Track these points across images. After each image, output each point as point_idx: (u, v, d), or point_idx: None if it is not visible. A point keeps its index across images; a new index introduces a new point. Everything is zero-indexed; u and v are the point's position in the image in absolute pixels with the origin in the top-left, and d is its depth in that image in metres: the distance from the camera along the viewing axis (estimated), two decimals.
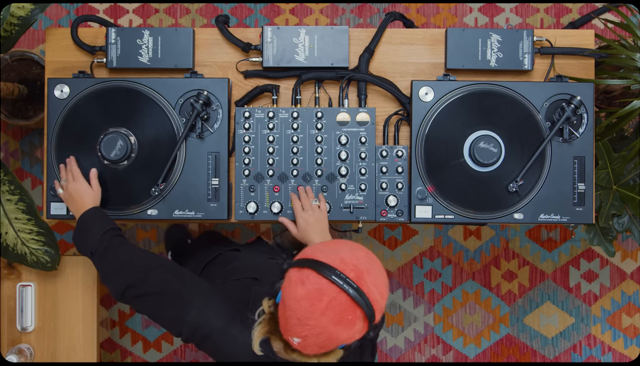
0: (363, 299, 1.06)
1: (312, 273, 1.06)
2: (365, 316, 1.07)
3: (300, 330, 1.06)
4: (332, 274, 1.05)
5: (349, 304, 1.05)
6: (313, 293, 1.05)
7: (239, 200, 1.61)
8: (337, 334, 1.06)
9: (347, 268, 1.07)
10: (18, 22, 1.69)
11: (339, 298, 1.05)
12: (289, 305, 1.07)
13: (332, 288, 1.05)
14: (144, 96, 1.60)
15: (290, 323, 1.07)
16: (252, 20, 2.51)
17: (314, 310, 1.04)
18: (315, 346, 1.08)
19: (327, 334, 1.06)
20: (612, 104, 2.08)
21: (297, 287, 1.06)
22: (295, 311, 1.05)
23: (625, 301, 2.53)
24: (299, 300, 1.05)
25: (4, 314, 1.90)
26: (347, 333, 1.07)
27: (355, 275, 1.07)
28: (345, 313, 1.05)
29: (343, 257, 1.08)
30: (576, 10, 2.52)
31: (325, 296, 1.04)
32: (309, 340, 1.07)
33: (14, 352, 1.84)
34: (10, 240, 1.79)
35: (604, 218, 1.80)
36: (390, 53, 1.68)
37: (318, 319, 1.04)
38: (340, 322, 1.05)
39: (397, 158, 1.61)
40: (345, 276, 1.06)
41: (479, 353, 2.54)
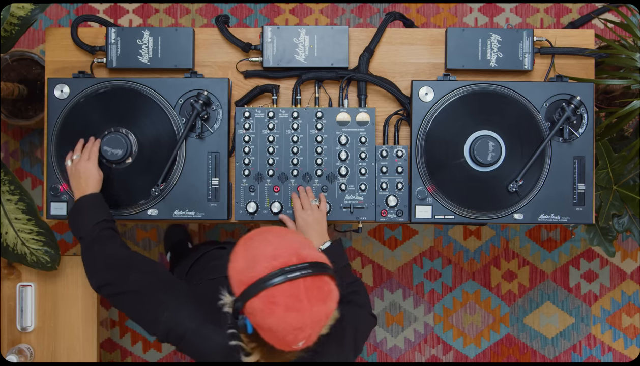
0: (319, 267, 1.09)
1: (271, 289, 1.05)
2: (329, 275, 1.11)
3: (302, 334, 1.06)
4: (285, 274, 1.06)
5: (317, 280, 1.07)
6: (290, 302, 1.05)
7: (239, 200, 1.61)
8: (330, 307, 1.09)
9: (285, 259, 1.08)
10: (18, 22, 1.69)
11: (308, 284, 1.06)
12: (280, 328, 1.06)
13: (297, 283, 1.06)
14: (144, 96, 1.60)
15: (290, 338, 1.07)
16: (252, 20, 2.51)
17: (303, 311, 1.05)
18: (318, 333, 1.10)
19: (324, 315, 1.08)
20: (612, 104, 2.08)
21: (273, 310, 1.05)
22: (290, 326, 1.05)
23: (625, 301, 2.53)
24: (284, 317, 1.05)
25: (4, 314, 1.90)
26: (334, 300, 1.10)
27: (295, 257, 1.08)
28: (322, 288, 1.08)
29: (272, 254, 1.08)
30: (576, 10, 2.52)
31: (299, 293, 1.05)
32: (313, 333, 1.08)
33: (14, 352, 1.84)
34: (10, 240, 1.79)
35: (604, 218, 1.80)
36: (390, 53, 1.68)
37: (312, 314, 1.05)
38: (325, 298, 1.08)
39: (397, 158, 1.61)
40: (292, 265, 1.07)
41: (479, 353, 2.54)
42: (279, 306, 1.05)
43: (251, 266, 1.09)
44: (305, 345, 1.09)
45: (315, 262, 1.09)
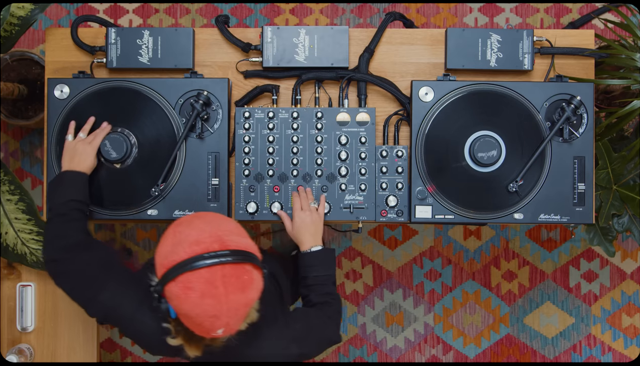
0: (241, 255, 1.08)
1: (188, 274, 1.05)
2: (253, 264, 1.11)
3: (219, 322, 1.07)
4: (203, 260, 1.06)
5: (237, 269, 1.07)
6: (206, 288, 1.05)
7: (239, 200, 1.61)
8: (249, 297, 1.09)
9: (207, 245, 1.08)
10: (18, 22, 1.69)
11: (226, 272, 1.06)
12: (195, 314, 1.06)
13: (214, 269, 1.06)
14: (144, 96, 1.60)
15: (207, 325, 1.07)
16: (252, 20, 2.51)
17: (219, 298, 1.05)
18: (238, 322, 1.10)
19: (243, 304, 1.08)
20: (612, 104, 2.08)
21: (189, 295, 1.05)
22: (205, 312, 1.05)
23: (625, 301, 2.53)
24: (199, 303, 1.05)
25: (4, 314, 1.90)
26: (255, 289, 1.10)
27: (218, 244, 1.08)
28: (241, 277, 1.07)
29: (195, 239, 1.08)
30: (576, 10, 2.52)
31: (216, 280, 1.05)
32: (231, 322, 1.08)
33: (14, 352, 1.84)
34: (10, 240, 1.79)
35: (604, 218, 1.80)
36: (390, 53, 1.68)
37: (228, 302, 1.05)
38: (244, 288, 1.08)
39: (397, 158, 1.61)
40: (213, 251, 1.07)
41: (479, 353, 2.54)
42: (194, 291, 1.05)
43: (174, 250, 1.09)
44: (225, 333, 1.10)
45: (238, 250, 1.09)
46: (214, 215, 1.18)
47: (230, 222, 1.16)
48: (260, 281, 1.13)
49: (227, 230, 1.12)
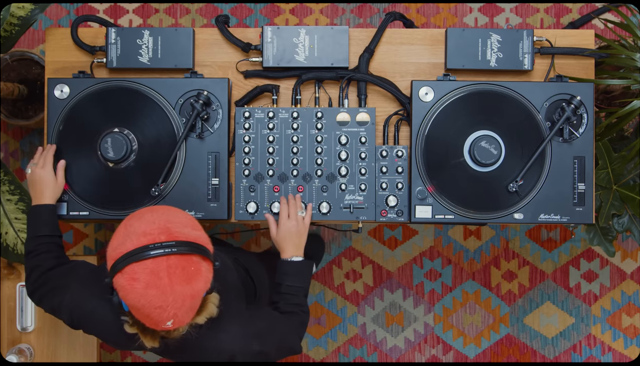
0: (188, 246, 1.09)
1: (133, 265, 1.06)
2: (201, 256, 1.11)
3: (166, 314, 1.07)
4: (148, 251, 1.06)
5: (182, 260, 1.07)
6: (150, 278, 1.05)
7: (239, 200, 1.61)
8: (196, 289, 1.08)
9: (154, 236, 1.08)
10: (18, 22, 1.69)
11: (171, 262, 1.06)
12: (140, 305, 1.06)
13: (159, 260, 1.06)
14: (144, 96, 1.60)
15: (154, 317, 1.07)
16: (252, 20, 2.51)
17: (163, 289, 1.05)
18: (186, 314, 1.10)
19: (189, 296, 1.07)
20: (612, 104, 2.08)
21: (134, 286, 1.06)
22: (150, 303, 1.05)
23: (625, 301, 2.53)
24: (144, 294, 1.05)
25: (4, 314, 1.90)
26: (202, 281, 1.10)
27: (165, 235, 1.08)
28: (187, 268, 1.07)
29: (143, 231, 1.09)
30: (576, 10, 2.52)
31: (160, 271, 1.05)
32: (179, 313, 1.08)
33: (14, 352, 1.84)
34: (10, 240, 1.79)
35: (604, 218, 1.80)
36: (390, 53, 1.68)
37: (173, 293, 1.05)
38: (189, 279, 1.07)
39: (397, 158, 1.61)
40: (159, 243, 1.07)
41: (479, 353, 2.54)
42: (139, 282, 1.05)
43: (122, 242, 1.09)
44: (175, 325, 1.09)
45: (185, 241, 1.09)
46: (167, 208, 1.18)
47: (182, 215, 1.16)
48: (209, 273, 1.13)
49: (177, 222, 1.13)
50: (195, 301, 1.10)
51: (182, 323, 1.11)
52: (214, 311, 1.20)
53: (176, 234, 1.10)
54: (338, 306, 2.51)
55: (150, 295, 1.05)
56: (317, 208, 1.61)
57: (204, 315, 1.18)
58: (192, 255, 1.10)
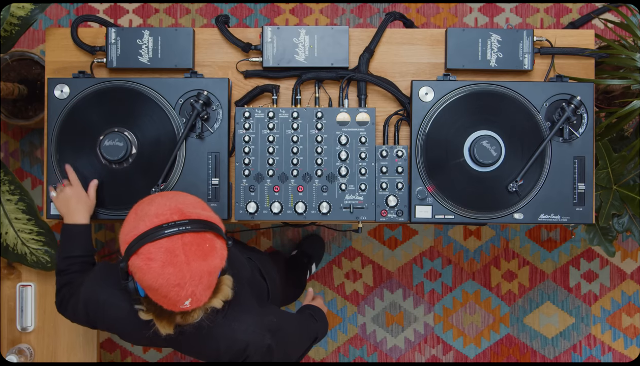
0: (201, 224, 1.10)
1: (148, 246, 1.07)
2: (215, 233, 1.12)
3: (184, 291, 1.07)
4: (162, 231, 1.07)
5: (197, 237, 1.09)
6: (166, 257, 1.06)
7: (239, 200, 1.61)
8: (212, 265, 1.09)
9: (167, 217, 1.09)
10: (18, 22, 1.69)
11: (186, 240, 1.07)
12: (158, 284, 1.07)
13: (174, 238, 1.07)
14: (144, 96, 1.60)
15: (172, 296, 1.07)
16: (252, 20, 2.51)
17: (180, 266, 1.06)
18: (204, 292, 1.10)
19: (206, 272, 1.08)
20: (612, 104, 2.08)
21: (150, 266, 1.06)
22: (168, 282, 1.06)
23: (625, 301, 2.53)
24: (161, 273, 1.06)
25: (4, 314, 1.90)
26: (217, 257, 1.11)
27: (177, 215, 1.10)
28: (202, 245, 1.09)
29: (155, 212, 1.10)
30: (576, 10, 2.52)
31: (176, 249, 1.06)
32: (197, 291, 1.08)
33: (14, 352, 1.84)
34: (10, 240, 1.79)
35: (604, 218, 1.80)
36: (390, 53, 1.68)
37: (190, 270, 1.06)
38: (205, 255, 1.09)
39: (397, 158, 1.61)
40: (172, 221, 1.08)
41: (479, 353, 2.54)
42: (155, 261, 1.06)
43: (135, 226, 1.11)
44: (193, 304, 1.10)
45: (198, 219, 1.11)
46: (175, 192, 1.20)
47: (191, 197, 1.18)
48: (223, 250, 1.14)
49: (188, 203, 1.14)
50: (212, 278, 1.10)
51: (200, 302, 1.11)
52: (228, 293, 1.20)
53: (188, 213, 1.11)
54: (338, 306, 2.51)
55: (168, 274, 1.05)
56: (317, 208, 1.61)
57: (220, 297, 1.18)
58: (206, 232, 1.11)
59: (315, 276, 2.50)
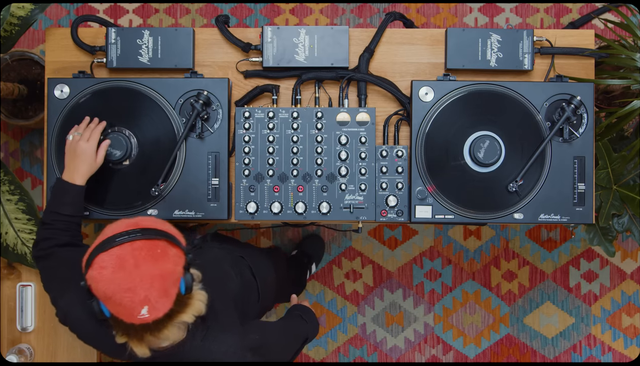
0: (153, 231, 1.11)
1: (101, 255, 1.08)
2: (168, 241, 1.12)
3: (137, 297, 1.07)
4: (114, 240, 1.09)
5: (148, 243, 1.10)
6: (117, 262, 1.07)
7: (239, 200, 1.61)
8: (164, 268, 1.09)
9: (122, 228, 1.11)
10: (18, 22, 1.70)
11: (136, 246, 1.08)
12: (111, 292, 1.07)
13: (125, 246, 1.08)
14: (144, 96, 1.60)
15: (126, 302, 1.07)
16: (252, 20, 2.51)
17: (130, 270, 1.06)
18: (160, 299, 1.09)
19: (157, 276, 1.08)
20: (612, 104, 2.08)
21: (102, 274, 1.07)
22: (119, 287, 1.06)
23: (625, 301, 2.53)
24: (112, 279, 1.06)
25: (4, 314, 1.90)
26: (170, 262, 1.10)
27: (133, 225, 1.12)
28: (152, 250, 1.09)
29: (113, 229, 1.12)
30: (576, 10, 2.52)
31: (126, 255, 1.08)
32: (150, 296, 1.07)
33: (14, 352, 1.84)
34: (10, 240, 1.79)
35: (604, 218, 1.80)
36: (390, 53, 1.68)
37: (140, 273, 1.06)
38: (156, 259, 1.09)
39: (397, 158, 1.61)
40: (125, 231, 1.10)
41: (479, 353, 2.54)
42: (107, 269, 1.07)
43: (98, 240, 1.13)
44: (152, 313, 1.08)
45: (150, 228, 1.12)
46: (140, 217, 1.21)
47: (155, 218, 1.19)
48: (178, 258, 1.13)
49: (146, 218, 1.16)
50: (166, 284, 1.09)
51: (159, 311, 1.09)
52: (201, 308, 1.19)
53: (143, 225, 1.13)
54: (338, 306, 2.51)
55: (118, 279, 1.06)
56: (317, 208, 1.61)
57: (191, 312, 1.17)
58: (158, 240, 1.12)
59: (315, 276, 2.50)
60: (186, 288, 1.14)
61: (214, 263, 1.46)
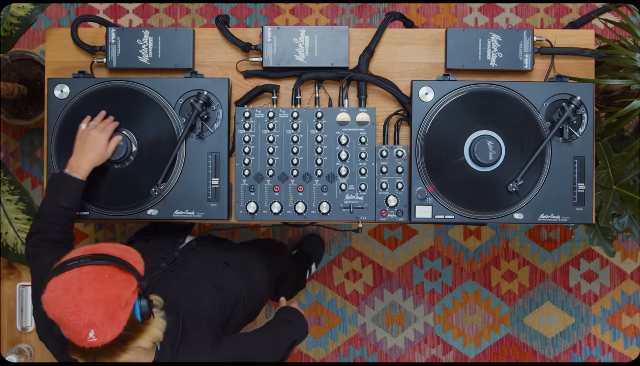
0: (104, 258, 1.13)
1: (53, 279, 1.11)
2: (118, 267, 1.13)
3: (82, 320, 1.08)
4: (66, 264, 1.12)
5: (96, 268, 1.11)
6: (64, 286, 1.09)
7: (239, 200, 1.61)
8: (108, 293, 1.10)
9: (78, 254, 1.14)
10: (18, 22, 1.70)
11: (84, 271, 1.11)
12: (59, 315, 1.09)
13: (73, 271, 1.11)
14: (144, 96, 1.60)
15: (72, 325, 1.08)
16: (252, 20, 2.51)
17: (74, 294, 1.08)
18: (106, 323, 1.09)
19: (102, 300, 1.09)
20: (612, 104, 2.08)
21: (51, 297, 1.10)
22: (65, 310, 1.08)
23: (625, 301, 2.53)
24: (58, 302, 1.08)
25: (4, 314, 1.90)
26: (115, 287, 1.11)
27: (89, 251, 1.14)
28: (99, 274, 1.11)
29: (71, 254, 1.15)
30: (576, 10, 2.52)
31: (72, 279, 1.10)
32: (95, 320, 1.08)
33: (14, 352, 1.84)
34: (10, 240, 1.79)
35: (604, 218, 1.80)
36: (390, 53, 1.68)
37: (83, 297, 1.08)
38: (101, 283, 1.10)
39: (397, 158, 1.61)
40: (77, 256, 1.13)
41: (479, 353, 2.54)
42: (54, 292, 1.10)
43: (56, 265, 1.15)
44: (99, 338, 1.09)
45: (102, 254, 1.14)
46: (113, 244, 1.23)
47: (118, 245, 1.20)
48: (127, 283, 1.13)
49: (105, 245, 1.18)
50: (111, 308, 1.10)
51: (105, 336, 1.10)
52: (158, 335, 1.20)
53: (98, 251, 1.15)
54: (338, 306, 2.51)
55: (64, 302, 1.08)
56: (317, 208, 1.61)
57: (147, 338, 1.18)
58: (108, 265, 1.13)
59: (315, 276, 2.50)
60: (142, 314, 1.15)
61: (188, 282, 1.47)
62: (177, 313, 1.30)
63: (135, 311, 1.14)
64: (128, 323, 1.12)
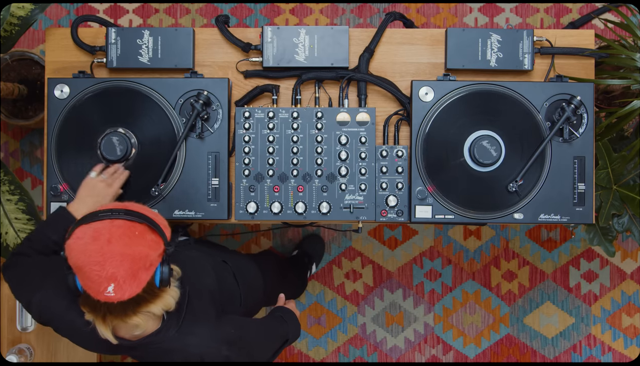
0: (137, 215, 1.12)
1: (82, 227, 1.10)
2: (150, 228, 1.13)
3: (104, 271, 1.07)
4: (97, 214, 1.11)
5: (128, 223, 1.11)
6: (93, 234, 1.08)
7: (239, 200, 1.61)
8: (136, 251, 1.09)
9: (110, 207, 1.13)
10: (18, 22, 1.70)
11: (116, 223, 1.10)
12: (81, 262, 1.08)
13: (104, 221, 1.10)
14: (144, 96, 1.60)
15: (94, 276, 1.07)
16: (252, 20, 2.51)
17: (102, 244, 1.07)
18: (127, 279, 1.08)
19: (128, 256, 1.08)
20: (612, 104, 2.08)
21: (77, 244, 1.08)
22: (90, 259, 1.07)
23: (625, 301, 2.53)
24: (84, 250, 1.07)
25: (4, 314, 1.90)
26: (144, 246, 1.10)
27: (121, 206, 1.14)
28: (130, 230, 1.10)
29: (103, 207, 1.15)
30: (576, 10, 2.52)
31: (102, 229, 1.09)
32: (117, 274, 1.07)
33: (14, 352, 1.84)
34: (10, 240, 1.79)
35: (604, 218, 1.80)
36: (390, 53, 1.68)
37: (111, 249, 1.07)
38: (131, 239, 1.09)
39: (397, 158, 1.61)
40: (111, 209, 1.12)
41: (479, 353, 2.54)
42: (82, 239, 1.09)
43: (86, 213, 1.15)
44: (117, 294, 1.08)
45: (136, 211, 1.13)
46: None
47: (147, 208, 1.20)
48: (155, 245, 1.13)
49: (137, 205, 1.17)
50: (136, 266, 1.09)
51: (124, 293, 1.09)
52: (171, 304, 1.20)
53: (130, 207, 1.14)
54: (338, 306, 2.51)
55: (90, 251, 1.07)
56: (317, 208, 1.61)
57: (160, 305, 1.17)
58: (139, 223, 1.12)
59: (315, 276, 2.50)
60: (161, 281, 1.15)
61: (192, 259, 1.47)
62: (184, 287, 1.29)
63: (155, 276, 1.13)
64: (147, 285, 1.12)
